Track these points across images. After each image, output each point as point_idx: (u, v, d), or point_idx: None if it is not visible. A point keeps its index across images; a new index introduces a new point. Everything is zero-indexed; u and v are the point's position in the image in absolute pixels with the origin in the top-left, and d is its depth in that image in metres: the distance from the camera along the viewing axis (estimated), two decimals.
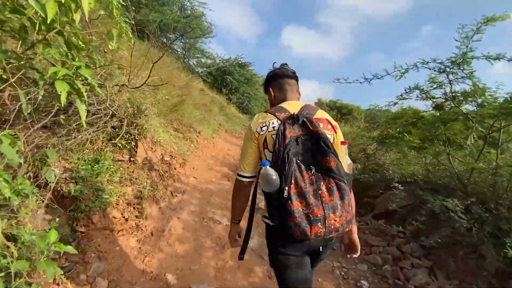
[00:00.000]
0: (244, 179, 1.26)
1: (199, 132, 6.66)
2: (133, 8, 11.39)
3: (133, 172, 2.76)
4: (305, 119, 1.13)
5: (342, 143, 1.24)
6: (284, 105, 1.28)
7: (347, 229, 1.09)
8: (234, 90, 16.18)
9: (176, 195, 3.41)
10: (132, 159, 2.79)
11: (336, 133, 1.26)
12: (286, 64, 1.45)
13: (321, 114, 1.27)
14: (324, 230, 1.01)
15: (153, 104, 4.27)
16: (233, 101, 15.99)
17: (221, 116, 12.25)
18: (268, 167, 1.05)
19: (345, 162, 1.18)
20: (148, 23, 11.24)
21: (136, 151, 2.87)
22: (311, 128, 1.12)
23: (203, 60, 15.13)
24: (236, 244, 1.41)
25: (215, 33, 14.57)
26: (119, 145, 2.73)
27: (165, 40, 11.70)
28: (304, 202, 1.02)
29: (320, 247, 1.23)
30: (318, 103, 16.22)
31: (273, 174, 1.04)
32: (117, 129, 2.77)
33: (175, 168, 3.81)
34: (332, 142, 1.17)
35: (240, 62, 16.64)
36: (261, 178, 1.07)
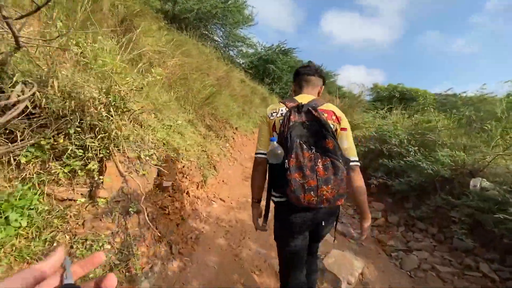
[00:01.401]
0: (261, 155, 1.37)
1: (236, 128, 5.65)
2: (169, 3, 10.76)
3: (90, 226, 1.51)
4: (310, 108, 1.27)
5: (341, 129, 1.34)
6: (296, 97, 1.43)
7: (339, 202, 1.20)
8: (276, 79, 14.90)
9: (179, 255, 2.06)
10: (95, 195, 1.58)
11: (339, 123, 1.34)
12: (311, 62, 1.62)
13: (327, 106, 1.36)
14: (316, 198, 1.15)
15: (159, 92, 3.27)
16: (276, 91, 14.74)
17: (263, 108, 11.13)
18: (275, 142, 1.22)
19: (343, 146, 1.30)
20: (187, 13, 10.55)
21: (102, 181, 1.65)
22: (315, 115, 1.24)
23: (244, 50, 14.08)
24: (261, 228, 1.45)
25: (257, 21, 13.35)
26: (73, 168, 1.55)
27: (203, 29, 10.86)
28: (301, 174, 1.15)
29: (323, 222, 1.35)
30: (374, 88, 14.03)
31: (279, 148, 1.19)
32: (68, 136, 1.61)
33: (187, 193, 2.67)
34: (334, 130, 1.29)
35: (283, 49, 15.20)
36: (268, 152, 1.22)
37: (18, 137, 1.39)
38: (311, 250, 1.52)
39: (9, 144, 1.33)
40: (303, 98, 1.37)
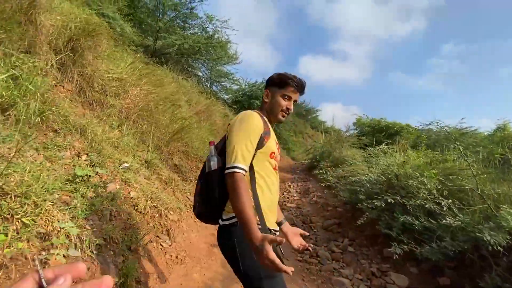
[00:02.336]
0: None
1: None
2: (150, 38, 10.37)
3: None
4: None
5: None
6: None
7: (201, 210, 1.19)
8: None
9: None
10: None
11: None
12: None
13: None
14: (195, 210, 1.23)
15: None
16: None
17: None
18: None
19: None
20: (168, 47, 10.14)
21: None
22: None
23: (228, 86, 13.71)
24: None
25: (241, 59, 13.22)
26: None
27: (185, 64, 10.40)
28: None
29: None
30: (358, 123, 13.72)
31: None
32: None
33: None
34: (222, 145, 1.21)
35: None
36: None
37: None
38: None
39: None
40: None
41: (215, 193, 1.09)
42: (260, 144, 1.13)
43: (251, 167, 1.11)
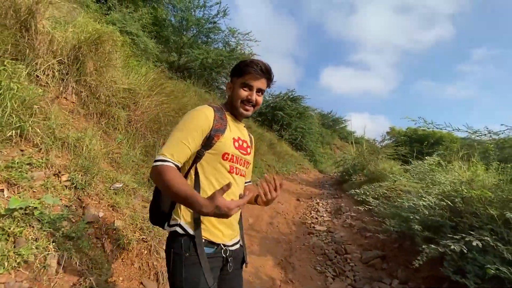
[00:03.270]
0: None
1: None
2: (174, 54, 10.45)
3: None
4: None
5: None
6: None
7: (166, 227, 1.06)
8: (285, 125, 13.84)
9: None
10: None
11: None
12: None
13: None
14: None
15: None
16: (285, 137, 13.54)
17: (270, 155, 9.78)
18: None
19: None
20: (191, 62, 10.12)
21: None
22: None
23: None
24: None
25: None
26: None
27: (207, 77, 10.26)
28: None
29: None
30: (392, 132, 12.53)
31: None
32: None
33: None
34: None
35: (292, 96, 14.48)
36: None
37: None
38: None
39: None
40: None
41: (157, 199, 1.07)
42: (208, 144, 0.99)
43: (196, 171, 0.99)
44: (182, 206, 0.97)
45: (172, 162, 0.90)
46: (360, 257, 3.11)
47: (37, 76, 2.57)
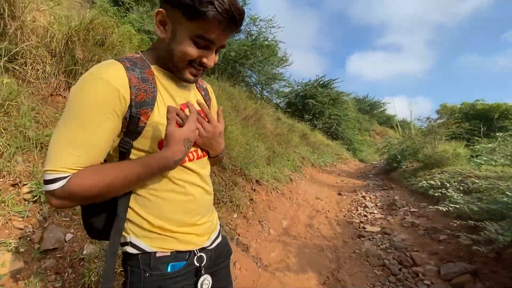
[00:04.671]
0: None
1: (257, 182, 3.55)
2: None
3: None
4: None
5: None
6: None
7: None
8: (318, 114, 12.78)
9: None
10: None
11: None
12: None
13: None
14: None
15: None
16: (319, 126, 12.51)
17: (304, 146, 8.92)
18: None
19: None
20: None
21: None
22: None
23: (279, 88, 12.62)
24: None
25: (291, 61, 11.94)
26: None
27: (230, 70, 9.73)
28: None
29: None
30: (442, 109, 10.77)
31: None
32: None
33: None
34: None
35: (321, 82, 13.34)
36: None
37: None
38: None
39: None
40: None
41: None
42: (133, 130, 0.59)
43: None
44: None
45: (67, 175, 0.53)
46: (438, 272, 2.24)
47: (21, 71, 2.20)
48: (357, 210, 4.35)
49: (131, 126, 0.59)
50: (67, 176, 0.52)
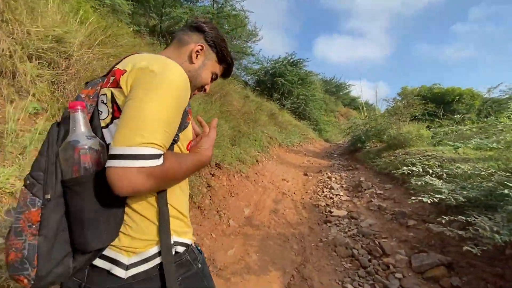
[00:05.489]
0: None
1: (217, 166, 3.07)
2: (154, 16, 8.79)
3: None
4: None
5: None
6: None
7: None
8: (287, 93, 12.43)
9: None
10: None
11: (119, 86, 0.55)
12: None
13: (124, 62, 0.61)
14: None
15: None
16: (287, 106, 12.23)
17: (272, 126, 8.57)
18: None
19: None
20: (175, 25, 8.55)
21: None
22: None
23: (247, 64, 11.88)
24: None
25: (261, 36, 11.14)
26: None
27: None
28: None
29: None
30: (403, 92, 11.08)
31: None
32: None
33: None
34: (108, 103, 0.57)
35: (292, 61, 12.86)
36: None
37: None
38: None
39: None
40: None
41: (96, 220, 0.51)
42: (182, 125, 0.61)
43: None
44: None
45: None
46: (409, 262, 2.05)
47: None
48: (323, 192, 4.15)
49: (182, 120, 0.59)
50: (162, 154, 0.51)
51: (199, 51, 0.70)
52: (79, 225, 0.50)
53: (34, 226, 0.47)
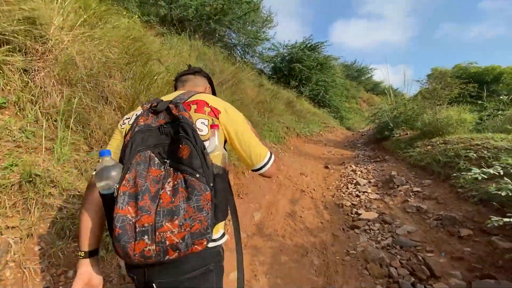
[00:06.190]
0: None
1: None
2: (163, 4, 8.34)
3: None
4: (170, 105, 0.75)
5: (211, 126, 0.75)
6: (163, 97, 0.87)
7: (196, 247, 0.61)
8: (305, 80, 11.66)
9: None
10: None
11: (217, 117, 0.79)
12: (189, 66, 1.10)
13: (198, 97, 0.84)
14: (154, 247, 0.58)
15: None
16: (305, 93, 11.49)
17: (289, 115, 7.98)
18: (107, 157, 0.68)
19: (241, 152, 0.81)
20: (185, 12, 8.10)
21: None
22: (174, 113, 0.73)
23: (263, 51, 11.22)
24: None
25: (276, 22, 10.42)
26: None
27: (205, 27, 8.24)
28: (136, 206, 0.61)
29: (154, 285, 0.67)
30: (434, 73, 9.90)
31: (112, 168, 0.66)
32: None
33: None
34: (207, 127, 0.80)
35: (309, 45, 11.98)
36: (96, 173, 0.67)
37: None
38: None
39: None
40: (170, 95, 0.87)
41: (225, 209, 0.74)
42: None
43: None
44: None
45: None
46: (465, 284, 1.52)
47: None
48: (348, 189, 3.62)
49: None
50: None
51: (208, 87, 1.06)
52: (221, 205, 0.69)
53: (208, 204, 0.62)
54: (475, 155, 2.81)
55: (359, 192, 3.37)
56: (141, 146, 0.69)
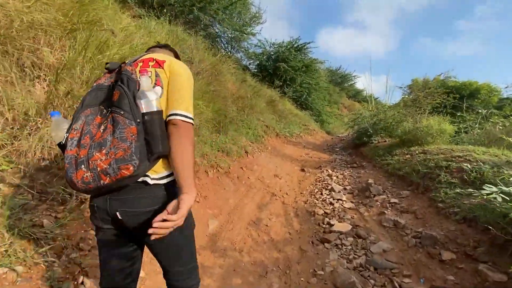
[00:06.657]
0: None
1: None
2: None
3: None
4: (122, 64, 0.88)
5: (170, 75, 0.86)
6: None
7: (123, 172, 0.72)
8: (289, 80, 11.41)
9: None
10: None
11: (162, 67, 0.87)
12: (158, 42, 1.18)
13: (147, 55, 0.93)
14: (89, 174, 0.73)
15: None
16: (289, 94, 11.25)
17: (270, 114, 7.64)
18: (52, 117, 0.83)
19: (172, 96, 0.84)
20: None
21: None
22: (121, 71, 0.85)
23: (249, 47, 10.82)
24: None
25: (265, 19, 10.08)
26: None
27: (188, 14, 7.68)
28: (78, 146, 0.77)
29: (118, 214, 0.79)
30: (414, 84, 10.06)
31: (53, 123, 0.83)
32: None
33: None
34: (155, 78, 0.86)
35: (296, 45, 11.74)
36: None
37: None
38: None
39: None
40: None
41: (159, 143, 0.78)
42: None
43: None
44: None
45: None
46: None
47: None
48: (322, 194, 3.32)
49: None
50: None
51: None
52: (155, 139, 0.76)
53: (133, 136, 0.72)
54: (456, 166, 2.61)
55: (333, 199, 3.09)
56: (92, 103, 0.82)
